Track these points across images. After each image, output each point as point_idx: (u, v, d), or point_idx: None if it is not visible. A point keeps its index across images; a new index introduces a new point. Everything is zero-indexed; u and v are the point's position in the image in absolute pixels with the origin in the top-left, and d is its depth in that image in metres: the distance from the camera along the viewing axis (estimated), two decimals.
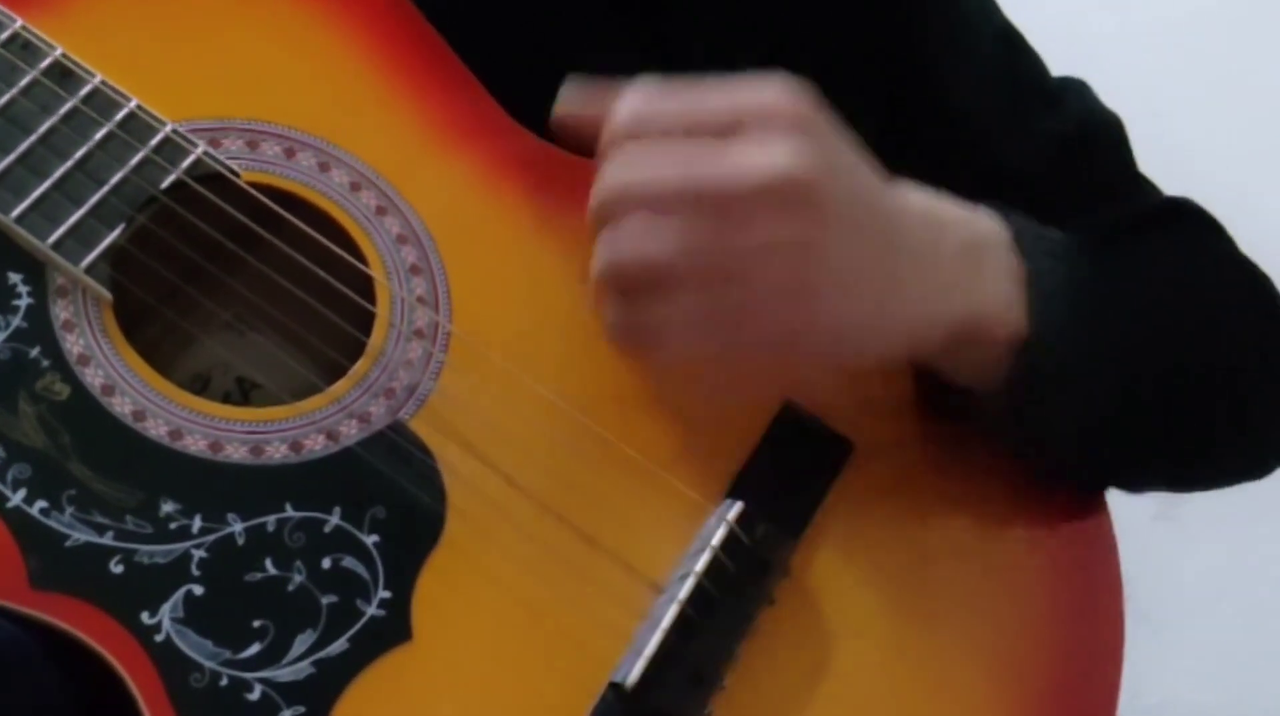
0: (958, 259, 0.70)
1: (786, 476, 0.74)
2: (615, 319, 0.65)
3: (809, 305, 0.65)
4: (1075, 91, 0.86)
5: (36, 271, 0.70)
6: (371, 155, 0.76)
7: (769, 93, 0.65)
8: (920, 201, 0.70)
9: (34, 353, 0.69)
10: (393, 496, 0.69)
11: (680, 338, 0.65)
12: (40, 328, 0.69)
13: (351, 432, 0.70)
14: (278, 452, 0.69)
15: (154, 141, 0.73)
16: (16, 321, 0.69)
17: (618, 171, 0.64)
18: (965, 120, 0.83)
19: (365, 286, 0.74)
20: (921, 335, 0.69)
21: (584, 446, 0.72)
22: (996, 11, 0.87)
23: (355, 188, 0.75)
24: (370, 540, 0.68)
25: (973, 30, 0.85)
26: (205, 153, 0.73)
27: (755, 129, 0.64)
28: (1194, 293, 0.79)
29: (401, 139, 0.77)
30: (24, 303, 0.70)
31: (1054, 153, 0.83)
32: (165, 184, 0.72)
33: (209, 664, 0.65)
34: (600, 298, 0.65)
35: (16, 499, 0.66)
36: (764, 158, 0.63)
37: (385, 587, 0.67)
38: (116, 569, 0.65)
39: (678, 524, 0.71)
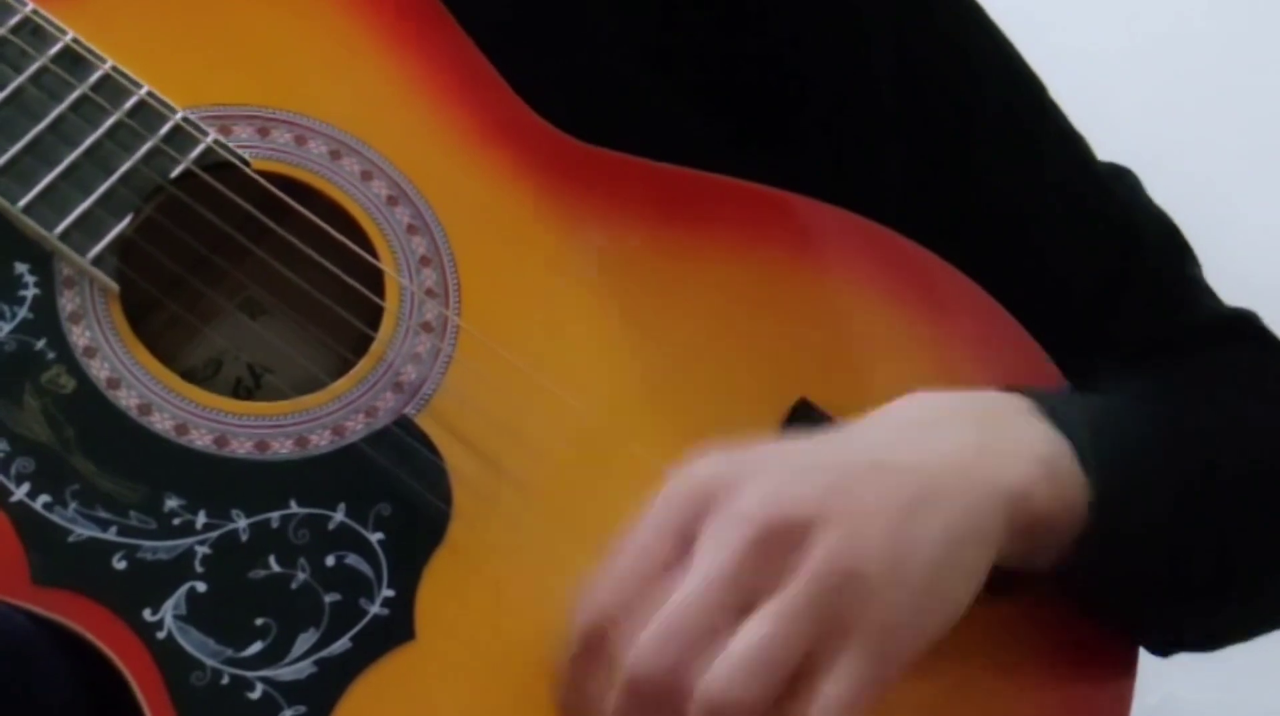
0: (974, 436, 0.67)
1: None
2: None
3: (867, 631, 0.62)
4: (1125, 187, 0.83)
5: (43, 262, 0.70)
6: (383, 143, 0.75)
7: (680, 496, 0.64)
8: (904, 413, 0.68)
9: (40, 344, 0.68)
10: (398, 493, 0.68)
11: None
12: (46, 319, 0.69)
13: (358, 428, 0.69)
14: (283, 448, 0.69)
15: (163, 130, 0.72)
16: (23, 312, 0.69)
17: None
18: (1015, 232, 0.81)
19: (374, 278, 0.73)
20: (981, 551, 0.65)
21: (592, 444, 0.71)
22: (1051, 106, 0.83)
23: (366, 176, 0.74)
24: (375, 537, 0.67)
25: (1025, 134, 0.82)
26: (215, 141, 0.73)
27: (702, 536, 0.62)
28: (1261, 423, 0.77)
29: (414, 126, 0.76)
30: (30, 293, 0.69)
31: (1104, 263, 0.80)
32: (174, 174, 0.72)
33: (211, 662, 0.64)
34: None
35: (20, 493, 0.66)
36: (724, 551, 0.61)
37: (389, 586, 0.67)
38: (119, 565, 0.65)
39: None
